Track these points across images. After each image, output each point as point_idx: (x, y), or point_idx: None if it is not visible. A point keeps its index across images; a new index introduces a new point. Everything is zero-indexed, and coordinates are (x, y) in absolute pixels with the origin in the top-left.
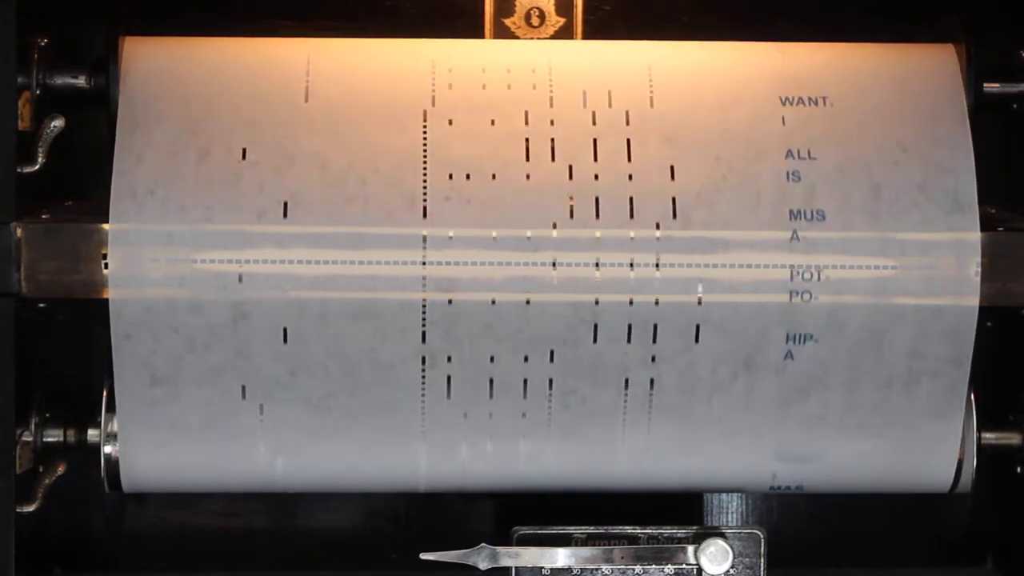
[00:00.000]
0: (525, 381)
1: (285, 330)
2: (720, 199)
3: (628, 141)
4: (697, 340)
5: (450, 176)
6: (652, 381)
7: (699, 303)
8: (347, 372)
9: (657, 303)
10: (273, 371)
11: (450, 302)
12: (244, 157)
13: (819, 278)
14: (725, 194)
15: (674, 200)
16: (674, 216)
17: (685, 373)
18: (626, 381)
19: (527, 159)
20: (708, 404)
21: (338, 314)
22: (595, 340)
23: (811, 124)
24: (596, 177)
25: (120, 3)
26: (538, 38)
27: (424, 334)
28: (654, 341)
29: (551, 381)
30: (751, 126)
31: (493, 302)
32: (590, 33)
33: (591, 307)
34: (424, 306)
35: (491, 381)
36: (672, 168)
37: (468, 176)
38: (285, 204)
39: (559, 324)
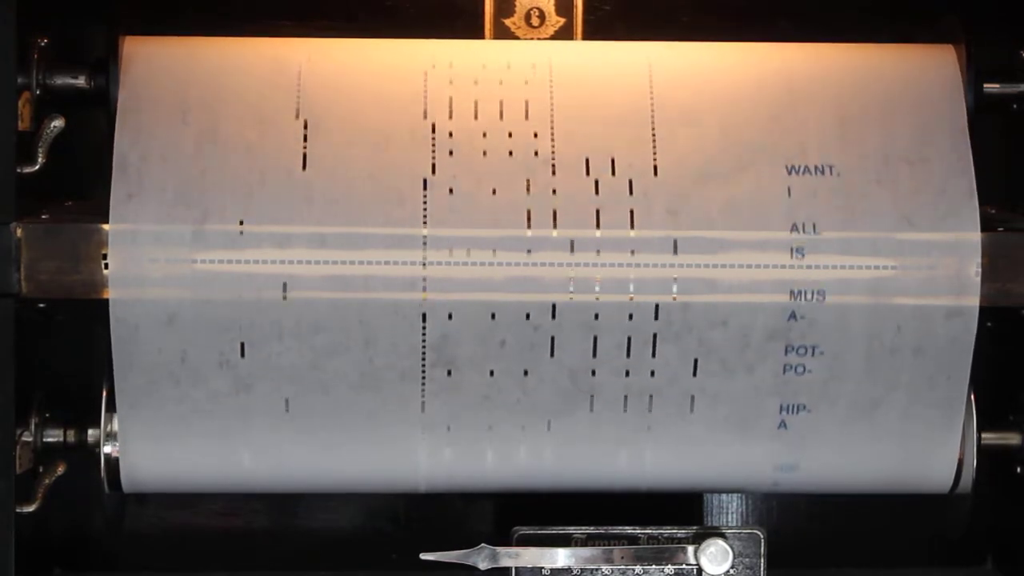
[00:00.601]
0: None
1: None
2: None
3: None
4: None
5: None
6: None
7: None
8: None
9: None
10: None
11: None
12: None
13: (820, 278)
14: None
15: (675, 280)
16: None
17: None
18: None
19: (528, 226)
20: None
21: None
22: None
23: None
24: (597, 252)
25: (120, 3)
26: (538, 38)
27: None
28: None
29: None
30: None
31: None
32: (590, 33)
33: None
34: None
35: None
36: (675, 242)
37: (468, 251)
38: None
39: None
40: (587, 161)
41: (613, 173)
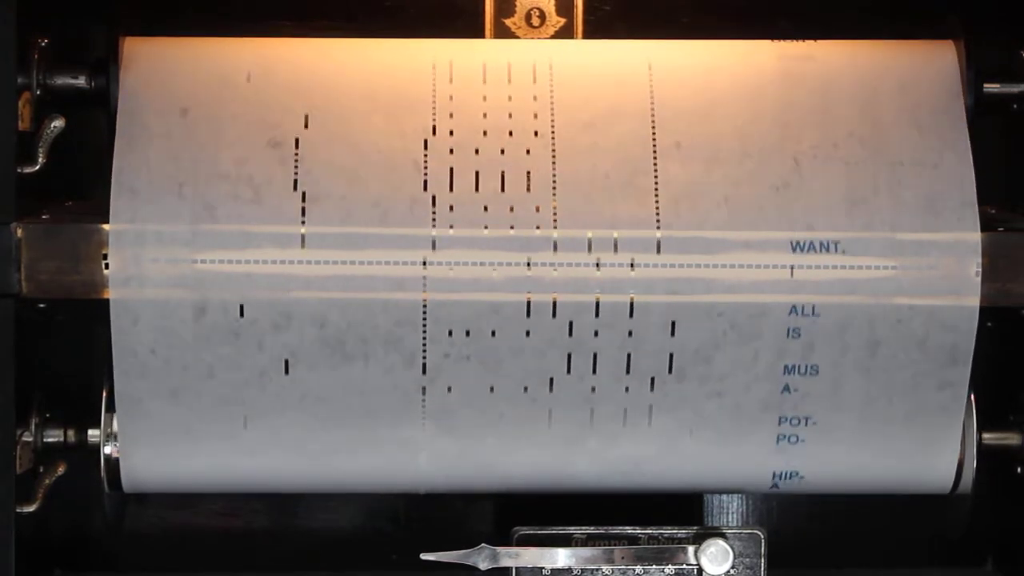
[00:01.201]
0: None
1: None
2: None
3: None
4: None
5: (449, 333)
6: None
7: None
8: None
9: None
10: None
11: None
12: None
13: (820, 278)
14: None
15: (671, 356)
16: (669, 371)
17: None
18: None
19: (527, 315)
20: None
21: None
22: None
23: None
24: (596, 334)
25: (120, 3)
26: (538, 38)
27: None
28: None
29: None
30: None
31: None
32: (590, 33)
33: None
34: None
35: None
36: (673, 324)
37: (468, 333)
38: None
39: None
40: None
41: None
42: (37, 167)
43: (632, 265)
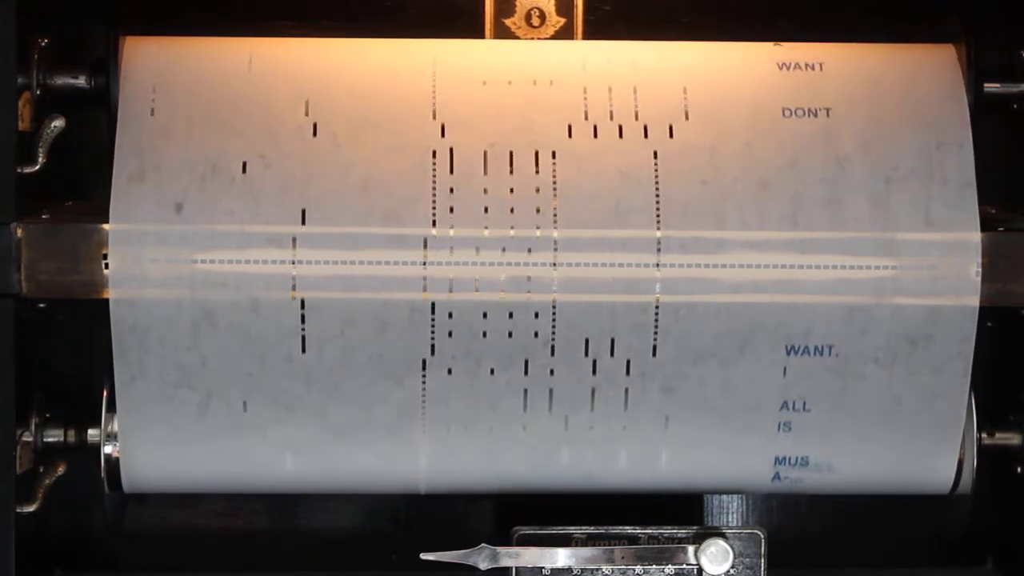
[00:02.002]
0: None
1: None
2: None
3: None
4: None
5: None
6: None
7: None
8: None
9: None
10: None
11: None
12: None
13: (820, 277)
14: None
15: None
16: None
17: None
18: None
19: (524, 410)
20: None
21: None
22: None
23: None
24: (592, 429)
25: (120, 3)
26: (538, 38)
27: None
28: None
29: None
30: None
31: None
32: (590, 33)
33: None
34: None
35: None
36: (667, 418)
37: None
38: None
39: None
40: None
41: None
42: (37, 167)
43: (632, 265)
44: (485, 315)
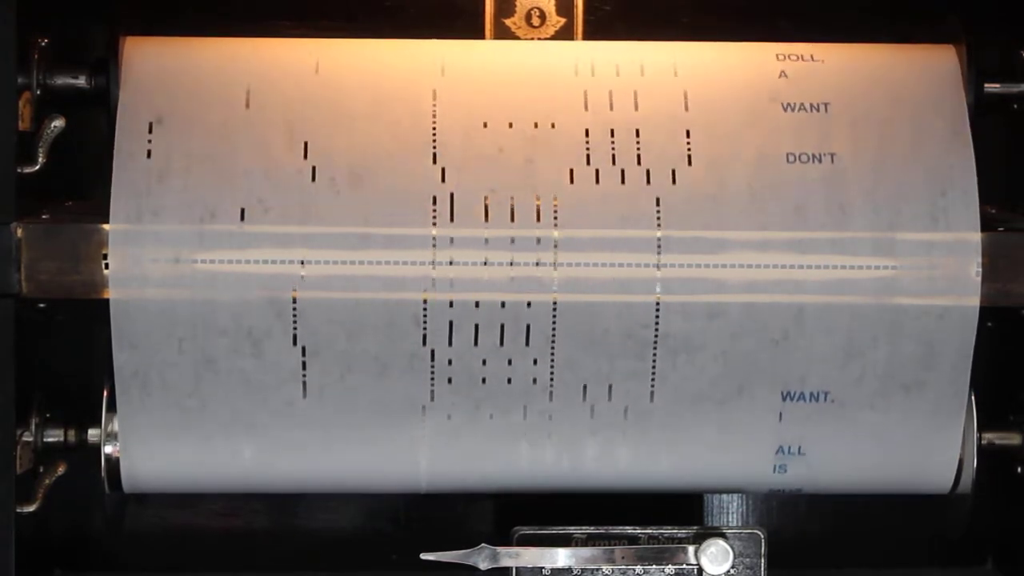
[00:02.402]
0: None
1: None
2: None
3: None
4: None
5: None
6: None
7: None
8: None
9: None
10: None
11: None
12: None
13: (820, 278)
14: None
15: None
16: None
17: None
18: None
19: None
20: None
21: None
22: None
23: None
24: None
25: (120, 3)
26: (538, 38)
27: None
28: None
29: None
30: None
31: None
32: (590, 33)
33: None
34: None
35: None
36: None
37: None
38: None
39: None
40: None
41: None
42: (37, 167)
43: (633, 265)
44: (484, 362)
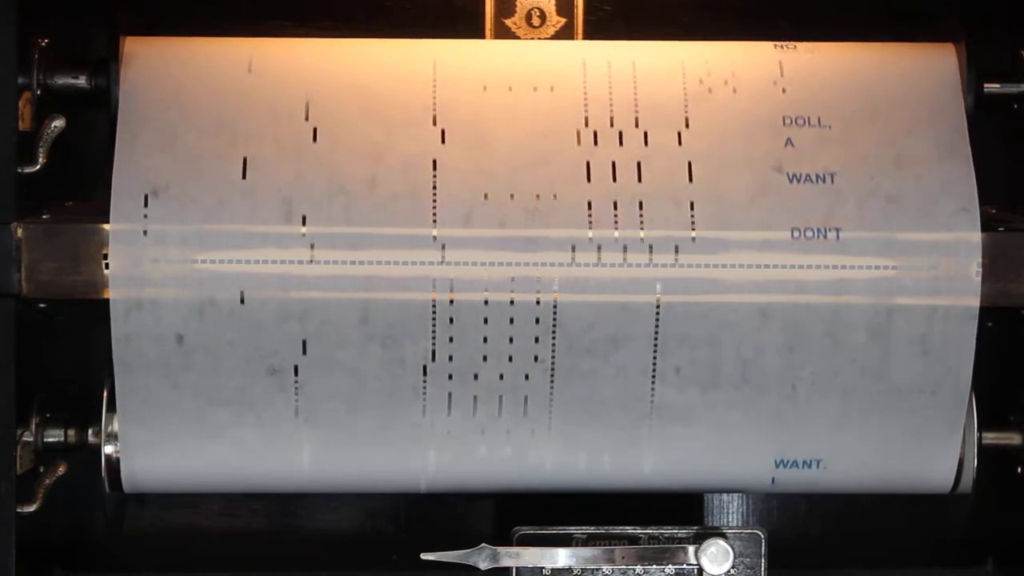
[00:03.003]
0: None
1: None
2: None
3: None
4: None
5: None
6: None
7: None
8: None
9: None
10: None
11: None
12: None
13: (820, 277)
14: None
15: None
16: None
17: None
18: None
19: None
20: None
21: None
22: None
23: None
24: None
25: (120, 3)
26: (539, 38)
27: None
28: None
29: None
30: None
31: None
32: (590, 33)
33: None
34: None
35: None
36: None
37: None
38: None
39: None
40: None
41: None
42: (37, 167)
43: (633, 265)
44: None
